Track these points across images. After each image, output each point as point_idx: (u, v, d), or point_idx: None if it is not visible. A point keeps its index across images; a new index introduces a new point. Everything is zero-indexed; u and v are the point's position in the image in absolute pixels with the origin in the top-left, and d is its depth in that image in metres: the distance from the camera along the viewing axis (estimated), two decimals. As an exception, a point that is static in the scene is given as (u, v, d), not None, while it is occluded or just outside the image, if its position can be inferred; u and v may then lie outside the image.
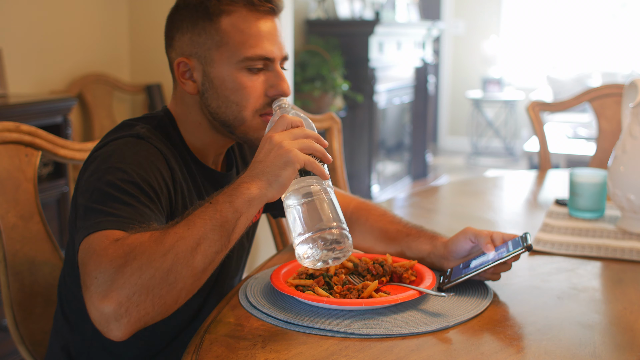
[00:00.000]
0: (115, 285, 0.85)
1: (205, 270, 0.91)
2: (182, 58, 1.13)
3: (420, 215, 1.77)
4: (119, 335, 0.86)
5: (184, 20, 1.13)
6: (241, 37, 1.10)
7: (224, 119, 1.14)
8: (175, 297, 0.89)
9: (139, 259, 0.86)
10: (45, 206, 2.52)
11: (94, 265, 0.88)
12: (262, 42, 1.11)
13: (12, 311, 1.29)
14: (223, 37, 1.10)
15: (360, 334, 0.98)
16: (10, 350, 2.42)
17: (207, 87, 1.13)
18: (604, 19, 7.04)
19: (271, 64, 1.13)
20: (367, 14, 4.97)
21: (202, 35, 1.11)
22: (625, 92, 1.65)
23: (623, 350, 0.97)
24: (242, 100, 1.12)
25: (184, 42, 1.13)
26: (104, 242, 0.90)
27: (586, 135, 5.33)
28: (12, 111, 2.48)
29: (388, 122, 5.10)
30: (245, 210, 0.95)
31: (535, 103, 2.51)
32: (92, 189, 1.00)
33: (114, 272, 0.85)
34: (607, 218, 1.69)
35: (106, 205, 0.97)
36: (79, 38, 3.34)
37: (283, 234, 1.80)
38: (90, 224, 0.94)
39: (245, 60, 1.10)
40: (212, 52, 1.11)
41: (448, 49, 7.53)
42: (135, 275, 0.85)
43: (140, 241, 0.89)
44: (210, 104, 1.14)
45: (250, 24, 1.11)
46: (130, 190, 1.00)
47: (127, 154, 1.05)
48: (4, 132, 1.31)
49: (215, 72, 1.12)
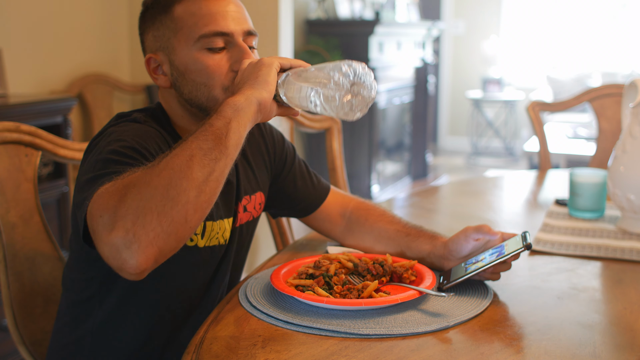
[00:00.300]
0: (119, 216, 0.84)
1: (206, 180, 0.90)
2: (150, 54, 1.18)
3: (420, 215, 1.77)
4: (134, 265, 0.84)
5: (147, 20, 1.19)
6: (193, 19, 1.13)
7: (198, 103, 1.16)
8: (182, 213, 0.87)
9: (136, 185, 0.87)
10: (45, 206, 2.52)
11: (97, 208, 0.87)
12: (216, 19, 1.13)
13: (12, 311, 1.29)
14: (178, 23, 1.14)
15: (360, 334, 0.98)
16: (10, 350, 2.42)
17: (176, 77, 1.16)
18: (604, 19, 7.04)
19: (232, 40, 1.14)
20: (367, 14, 4.97)
21: (160, 29, 1.16)
22: (625, 92, 1.65)
23: (623, 350, 0.97)
24: (209, 79, 1.14)
25: (149, 40, 1.18)
26: (104, 190, 0.91)
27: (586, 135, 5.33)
28: (12, 111, 2.48)
29: (388, 122, 5.10)
30: (234, 115, 0.96)
31: (535, 103, 2.51)
32: (94, 163, 1.02)
33: (116, 204, 0.85)
34: (607, 218, 1.69)
35: (108, 169, 0.98)
36: (79, 38, 3.34)
37: (283, 234, 1.80)
38: (95, 187, 0.94)
39: (200, 39, 1.12)
40: (172, 40, 1.15)
41: (448, 49, 7.53)
42: (135, 200, 0.85)
43: (135, 173, 0.90)
44: (183, 92, 1.16)
45: (200, 5, 1.14)
46: (130, 153, 1.02)
47: (126, 131, 1.09)
48: (4, 132, 1.31)
49: (178, 59, 1.14)
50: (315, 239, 1.48)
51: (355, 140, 4.61)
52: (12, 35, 2.94)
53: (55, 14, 3.18)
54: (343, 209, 1.39)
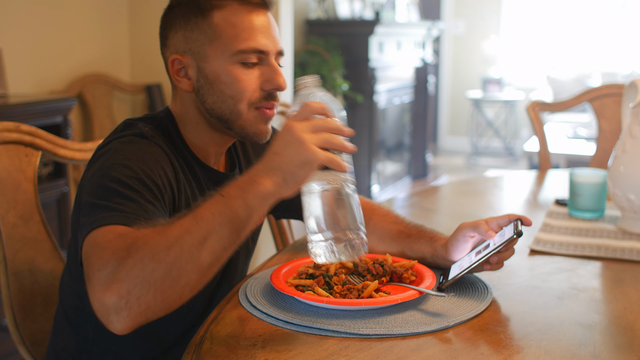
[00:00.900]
0: (117, 278, 0.83)
1: (211, 266, 0.88)
2: (176, 55, 1.14)
3: (420, 215, 1.77)
4: (119, 328, 0.84)
5: (177, 18, 1.13)
6: (234, 31, 1.10)
7: (220, 114, 1.13)
8: (179, 293, 0.86)
9: (141, 251, 0.84)
10: (45, 206, 2.52)
11: (96, 258, 0.86)
12: (255, 35, 1.11)
13: (12, 311, 1.29)
14: (216, 32, 1.10)
15: (360, 334, 0.98)
16: (10, 350, 2.42)
17: (202, 84, 1.13)
18: (604, 19, 7.04)
19: (266, 58, 1.13)
20: (367, 14, 4.97)
21: (194, 31, 1.11)
22: (625, 92, 1.65)
23: (623, 350, 0.97)
24: (237, 93, 1.11)
25: (177, 39, 1.14)
26: (108, 236, 0.89)
27: (586, 135, 5.33)
28: (12, 111, 2.48)
29: (388, 122, 5.10)
30: (258, 206, 0.90)
31: (535, 103, 2.50)
32: (96, 186, 0.99)
33: (116, 264, 0.84)
34: (607, 218, 1.69)
35: (110, 201, 0.96)
36: (79, 38, 3.34)
37: (283, 234, 1.80)
38: (95, 219, 0.93)
39: (238, 53, 1.10)
40: (206, 47, 1.11)
41: (448, 49, 7.53)
42: (136, 268, 0.83)
43: (142, 234, 0.87)
44: (206, 100, 1.13)
45: (242, 17, 1.10)
46: (134, 186, 0.99)
47: (131, 151, 1.05)
48: (4, 132, 1.31)
49: (209, 68, 1.12)
50: (315, 239, 1.48)
51: (355, 140, 4.61)
52: (12, 35, 2.94)
53: (55, 14, 3.18)
54: None
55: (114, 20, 3.54)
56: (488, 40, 7.15)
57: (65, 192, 2.69)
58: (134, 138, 1.09)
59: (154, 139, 1.10)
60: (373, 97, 4.54)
